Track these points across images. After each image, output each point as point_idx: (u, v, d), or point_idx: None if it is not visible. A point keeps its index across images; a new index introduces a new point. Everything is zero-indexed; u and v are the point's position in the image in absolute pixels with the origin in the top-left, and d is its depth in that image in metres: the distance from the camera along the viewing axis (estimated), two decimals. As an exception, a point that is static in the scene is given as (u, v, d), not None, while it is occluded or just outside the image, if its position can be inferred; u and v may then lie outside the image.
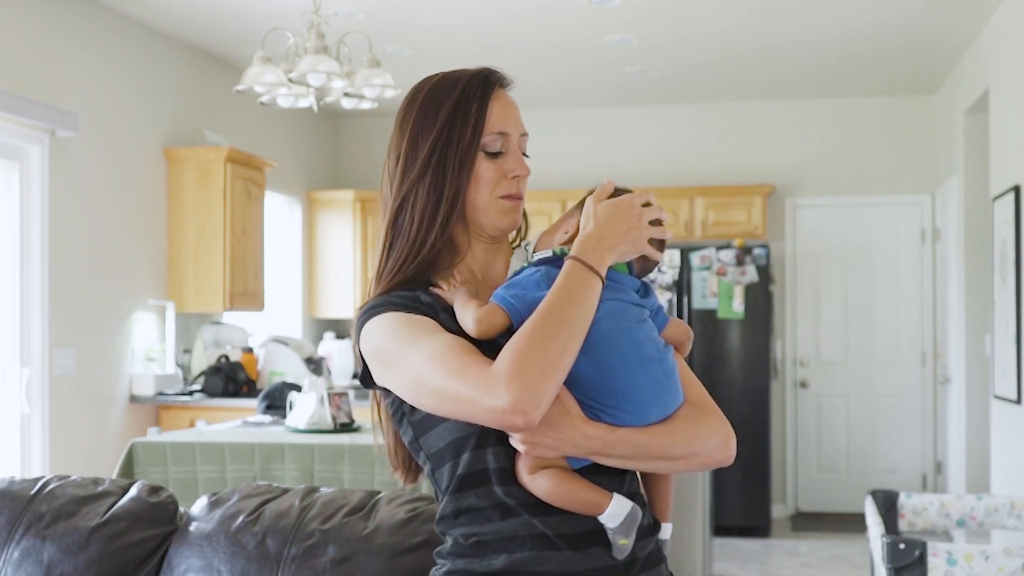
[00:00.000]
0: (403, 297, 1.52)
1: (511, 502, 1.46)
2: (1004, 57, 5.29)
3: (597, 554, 1.46)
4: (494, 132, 1.55)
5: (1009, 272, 5.07)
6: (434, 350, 1.42)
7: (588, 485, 1.45)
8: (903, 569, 3.06)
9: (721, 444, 1.51)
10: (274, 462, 4.02)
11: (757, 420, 6.93)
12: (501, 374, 1.35)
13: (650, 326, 1.51)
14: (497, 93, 1.58)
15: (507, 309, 1.45)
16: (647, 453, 1.45)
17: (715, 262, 6.91)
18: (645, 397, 1.45)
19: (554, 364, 1.36)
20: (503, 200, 1.56)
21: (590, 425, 1.42)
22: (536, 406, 1.34)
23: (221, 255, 5.82)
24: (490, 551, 1.46)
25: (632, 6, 5.35)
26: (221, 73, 6.39)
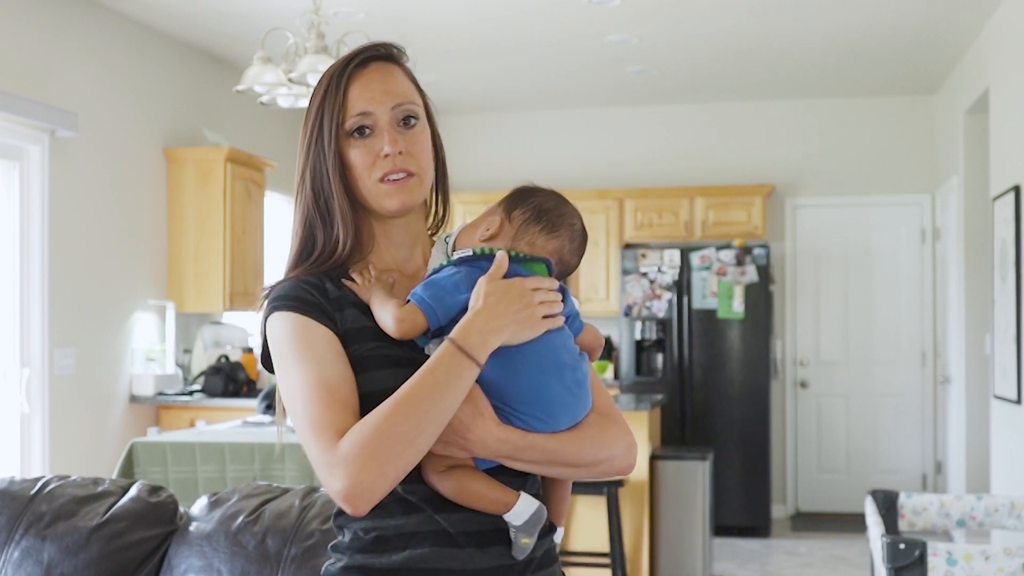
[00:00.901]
0: (308, 288, 1.49)
1: (412, 498, 1.45)
2: (1004, 57, 5.29)
3: (498, 552, 1.46)
4: (354, 114, 1.51)
5: (1009, 272, 5.07)
6: (305, 390, 1.41)
7: (495, 484, 1.45)
8: (903, 569, 3.05)
9: (624, 452, 1.51)
10: (274, 462, 4.02)
11: (757, 420, 6.93)
12: (340, 459, 1.35)
13: (566, 333, 1.49)
14: (358, 74, 1.53)
15: (425, 311, 1.44)
16: (555, 459, 1.45)
17: (715, 262, 6.91)
18: (556, 405, 1.45)
19: (397, 459, 1.35)
20: (382, 183, 1.51)
21: (502, 429, 1.41)
22: (367, 501, 1.35)
23: (221, 255, 5.82)
24: (390, 547, 1.45)
25: (632, 6, 5.35)
26: (221, 73, 6.39)
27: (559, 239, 1.54)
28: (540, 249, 1.53)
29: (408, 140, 1.52)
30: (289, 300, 1.48)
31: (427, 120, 1.59)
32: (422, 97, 1.60)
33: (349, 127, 1.51)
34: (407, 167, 1.51)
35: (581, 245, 1.57)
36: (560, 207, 1.56)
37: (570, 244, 1.55)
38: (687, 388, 6.98)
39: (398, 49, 1.60)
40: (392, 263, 1.58)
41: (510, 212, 1.55)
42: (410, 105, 1.54)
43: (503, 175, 7.60)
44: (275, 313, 1.48)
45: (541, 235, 1.53)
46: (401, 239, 1.59)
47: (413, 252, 1.60)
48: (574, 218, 1.57)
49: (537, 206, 1.55)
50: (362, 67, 1.54)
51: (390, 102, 1.52)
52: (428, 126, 1.58)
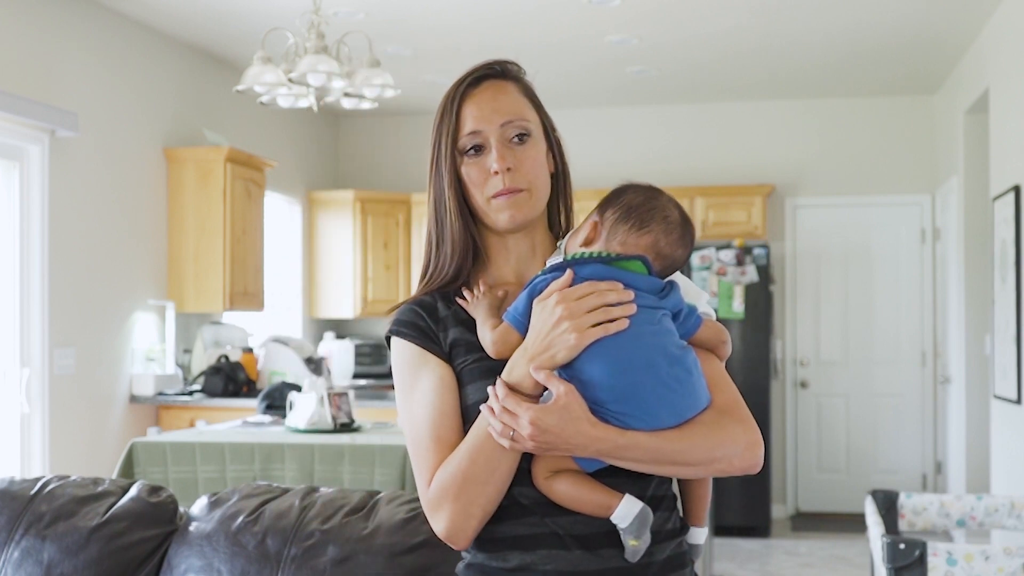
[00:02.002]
0: (423, 311, 1.58)
1: (525, 502, 1.48)
2: (1004, 57, 5.29)
3: (610, 555, 1.46)
4: (466, 134, 1.56)
5: (1009, 272, 5.07)
6: (412, 429, 1.54)
7: (598, 487, 1.45)
8: (903, 569, 3.05)
9: (744, 451, 1.49)
10: (274, 462, 4.01)
11: (757, 420, 6.87)
12: (429, 504, 1.50)
13: (664, 329, 1.46)
14: (470, 93, 1.58)
15: (516, 327, 1.47)
16: (663, 458, 1.44)
17: (715, 262, 6.91)
18: (652, 401, 1.42)
19: (477, 499, 1.46)
20: (493, 200, 1.55)
21: (598, 428, 1.41)
22: (463, 539, 1.49)
23: (221, 255, 5.82)
24: (505, 548, 1.49)
25: (632, 6, 5.35)
26: (221, 73, 6.39)
27: (652, 234, 1.52)
28: (633, 247, 1.51)
29: (518, 157, 1.55)
30: (404, 326, 1.58)
31: (545, 133, 1.62)
32: (539, 112, 1.63)
33: (462, 146, 1.56)
34: (516, 184, 1.55)
35: (683, 236, 1.55)
36: (650, 201, 1.54)
37: (666, 237, 1.53)
38: (687, 388, 6.97)
39: (515, 65, 1.64)
40: (511, 275, 1.62)
41: (603, 213, 1.55)
42: (521, 122, 1.57)
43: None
44: (394, 338, 1.59)
45: (632, 233, 1.52)
46: (520, 251, 1.62)
47: (533, 262, 1.63)
48: (668, 210, 1.55)
49: (626, 204, 1.54)
50: (474, 86, 1.59)
51: (499, 120, 1.56)
52: (544, 140, 1.61)
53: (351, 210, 7.43)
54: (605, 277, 1.46)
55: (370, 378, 7.26)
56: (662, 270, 1.53)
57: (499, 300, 1.55)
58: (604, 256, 1.49)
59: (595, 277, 1.46)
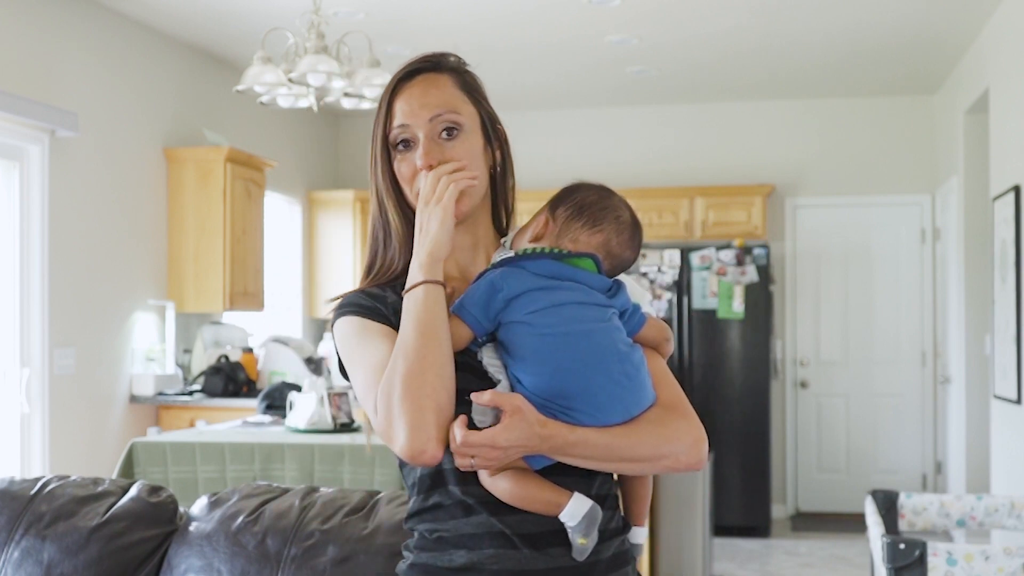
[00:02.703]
0: (369, 296, 1.55)
1: (470, 501, 1.47)
2: (1004, 57, 5.29)
3: (557, 554, 1.46)
4: (395, 127, 1.55)
5: (1009, 272, 5.07)
6: (365, 372, 1.49)
7: (547, 485, 1.44)
8: (903, 569, 3.05)
9: (690, 447, 1.48)
10: (274, 462, 4.01)
11: (757, 420, 6.93)
12: (382, 424, 1.42)
13: (613, 326, 1.48)
14: (403, 87, 1.56)
15: (466, 321, 1.46)
16: (611, 454, 1.43)
17: (715, 262, 6.91)
18: (603, 397, 1.43)
19: (420, 391, 1.39)
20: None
21: (548, 425, 1.40)
22: (427, 442, 1.39)
23: (221, 255, 5.82)
24: (451, 547, 1.48)
25: (632, 6, 5.35)
26: (221, 73, 6.39)
27: (603, 233, 1.54)
28: (584, 245, 1.52)
29: (447, 151, 1.53)
30: (349, 306, 1.56)
31: (483, 127, 1.59)
32: (476, 105, 1.59)
33: (392, 140, 1.55)
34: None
35: (632, 237, 1.56)
36: (603, 201, 1.56)
37: (617, 237, 1.55)
38: (687, 388, 6.98)
39: (454, 58, 1.61)
40: (454, 269, 1.60)
41: (554, 210, 1.56)
42: (450, 115, 1.54)
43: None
44: (339, 319, 1.56)
45: (584, 230, 1.53)
46: (463, 244, 1.60)
47: (476, 256, 1.61)
48: (620, 210, 1.56)
49: (579, 202, 1.55)
50: (408, 80, 1.57)
51: (427, 114, 1.53)
52: (479, 133, 1.58)
53: (351, 210, 7.43)
54: (556, 273, 1.47)
55: (370, 378, 7.25)
56: (611, 269, 1.54)
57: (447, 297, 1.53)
58: (556, 252, 1.49)
59: (546, 273, 1.47)
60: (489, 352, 1.49)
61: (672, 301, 6.99)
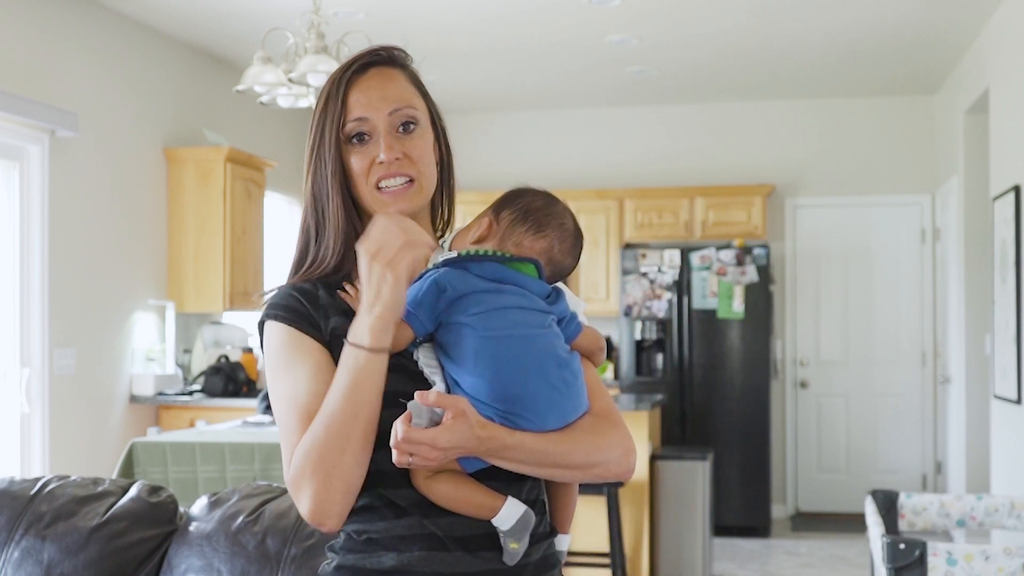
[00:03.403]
0: (301, 296, 1.52)
1: (403, 503, 1.45)
2: (1004, 57, 5.29)
3: (488, 557, 1.45)
4: (352, 119, 1.51)
5: (1009, 272, 5.07)
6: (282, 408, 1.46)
7: (482, 489, 1.43)
8: (903, 569, 3.05)
9: (621, 456, 1.48)
10: (274, 462, 4.01)
11: (757, 420, 6.93)
12: (292, 484, 1.41)
13: (553, 332, 1.48)
14: (357, 79, 1.53)
15: (407, 320, 1.43)
16: (545, 460, 1.43)
17: (715, 262, 6.91)
18: (541, 403, 1.42)
19: (335, 469, 1.38)
20: (377, 191, 1.52)
21: (487, 428, 1.38)
22: (328, 516, 1.40)
23: (221, 255, 5.82)
24: (380, 548, 1.46)
25: (632, 6, 5.35)
26: (221, 73, 6.39)
27: (547, 239, 1.53)
28: (527, 250, 1.52)
29: (406, 145, 1.52)
30: (281, 310, 1.51)
31: (432, 123, 1.58)
32: (426, 100, 1.59)
33: (347, 133, 1.52)
34: (405, 171, 1.51)
35: (574, 245, 1.55)
36: (548, 207, 1.54)
37: (560, 244, 1.54)
38: (687, 388, 6.98)
39: (401, 52, 1.59)
40: None
41: (499, 213, 1.54)
42: (408, 110, 1.53)
43: (503, 175, 7.59)
44: (268, 322, 1.52)
45: (528, 235, 1.52)
46: None
47: None
48: (564, 218, 1.55)
49: (524, 206, 1.54)
50: (361, 72, 1.54)
51: (387, 108, 1.52)
52: (432, 129, 1.58)
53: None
54: (500, 276, 1.46)
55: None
56: (551, 276, 1.54)
57: None
58: (499, 255, 1.49)
59: (489, 275, 1.46)
60: (426, 352, 1.47)
61: (672, 301, 6.99)
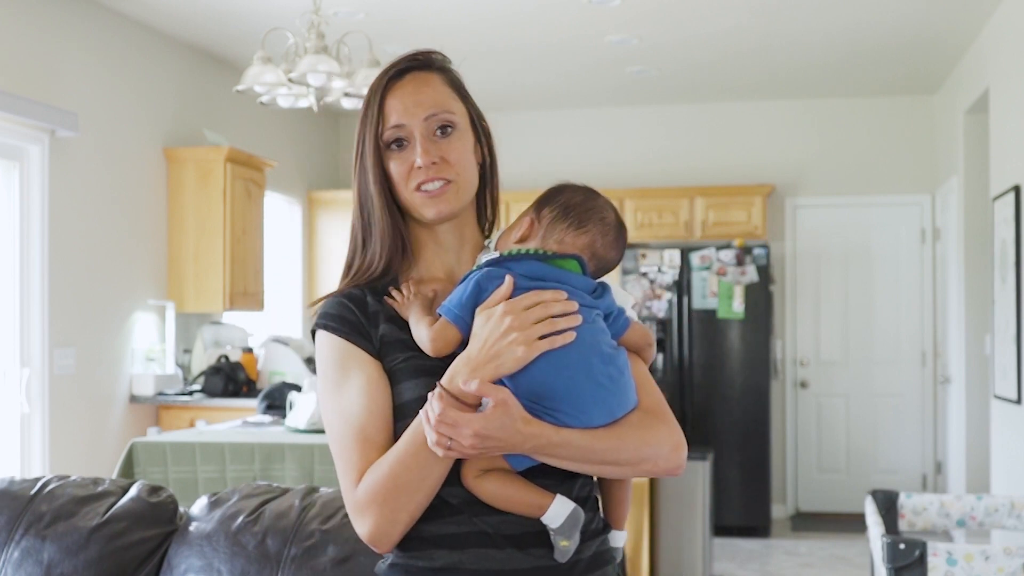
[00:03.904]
0: (351, 304, 1.54)
1: (454, 501, 1.46)
2: (1004, 57, 5.29)
3: (539, 554, 1.46)
4: (390, 127, 1.54)
5: (1009, 272, 5.07)
6: (337, 425, 1.50)
7: (530, 487, 1.44)
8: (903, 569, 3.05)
9: (670, 452, 1.48)
10: (274, 462, 4.01)
11: (757, 420, 6.93)
12: (356, 506, 1.46)
13: (599, 328, 1.47)
14: (393, 86, 1.56)
15: (454, 322, 1.45)
16: (592, 457, 1.43)
17: (715, 262, 6.91)
18: (586, 399, 1.42)
19: (407, 505, 1.43)
20: (418, 193, 1.53)
21: (533, 424, 1.39)
22: (387, 544, 1.46)
23: (221, 255, 5.82)
24: (432, 547, 1.47)
25: (632, 6, 5.35)
26: (221, 73, 6.39)
27: (589, 234, 1.53)
28: (569, 246, 1.52)
29: (443, 149, 1.54)
30: (332, 319, 1.54)
31: (472, 125, 1.60)
32: (465, 103, 1.60)
33: (386, 140, 1.54)
34: (443, 175, 1.53)
35: (617, 238, 1.55)
36: (589, 201, 1.55)
37: (603, 238, 1.54)
38: (687, 388, 6.98)
39: (440, 55, 1.61)
40: (440, 269, 1.60)
41: (539, 211, 1.55)
42: (444, 114, 1.55)
43: (503, 175, 7.58)
44: (320, 331, 1.55)
45: (570, 232, 1.52)
46: (450, 244, 1.61)
47: (462, 256, 1.62)
48: (605, 211, 1.55)
49: (564, 203, 1.54)
50: (398, 79, 1.56)
51: (422, 113, 1.53)
52: (470, 131, 1.59)
53: (351, 210, 7.42)
54: (541, 275, 1.46)
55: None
56: (595, 271, 1.54)
57: (429, 299, 1.53)
58: (540, 253, 1.49)
59: (531, 274, 1.46)
60: None
61: (672, 301, 6.99)
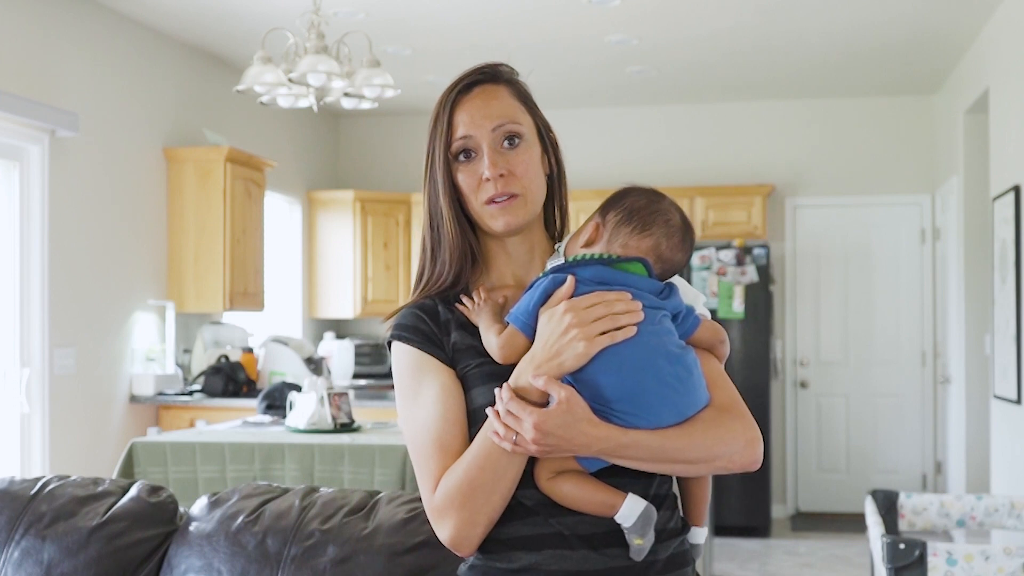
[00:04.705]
0: (423, 314, 1.57)
1: (528, 503, 1.48)
2: (1004, 57, 5.29)
3: (614, 554, 1.47)
4: (458, 138, 1.56)
5: (1009, 272, 5.07)
6: (415, 435, 1.53)
7: (602, 487, 1.46)
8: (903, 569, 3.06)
9: (744, 448, 1.51)
10: (274, 462, 4.01)
11: (757, 420, 6.87)
12: (435, 512, 1.49)
13: (666, 328, 1.48)
14: (462, 99, 1.58)
15: (522, 329, 1.47)
16: (663, 456, 1.45)
17: (715, 262, 6.91)
18: (653, 399, 1.43)
19: (483, 507, 1.46)
20: (487, 205, 1.56)
21: (600, 427, 1.41)
22: (468, 547, 1.49)
23: (221, 255, 5.82)
24: (509, 548, 1.49)
25: (632, 6, 5.35)
26: (221, 73, 6.39)
27: (653, 237, 1.54)
28: (634, 249, 1.53)
29: (510, 161, 1.56)
30: (406, 330, 1.58)
31: (539, 136, 1.62)
32: (532, 115, 1.62)
33: (454, 151, 1.56)
34: (509, 189, 1.55)
35: (683, 240, 1.56)
36: (652, 205, 1.56)
37: (668, 241, 1.55)
38: (687, 388, 6.98)
39: (507, 68, 1.64)
40: (510, 278, 1.63)
41: (604, 215, 1.56)
42: (511, 125, 1.57)
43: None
44: (395, 343, 1.59)
45: (634, 235, 1.53)
46: (519, 253, 1.63)
47: (532, 264, 1.63)
48: (670, 214, 1.56)
49: (629, 207, 1.55)
50: (466, 92, 1.59)
51: (490, 124, 1.55)
52: (537, 142, 1.61)
53: (351, 210, 7.43)
54: (606, 279, 1.47)
55: (370, 378, 7.26)
56: (662, 273, 1.54)
57: (500, 306, 1.55)
58: (605, 258, 1.50)
59: (596, 279, 1.47)
60: None
61: (672, 301, 6.99)
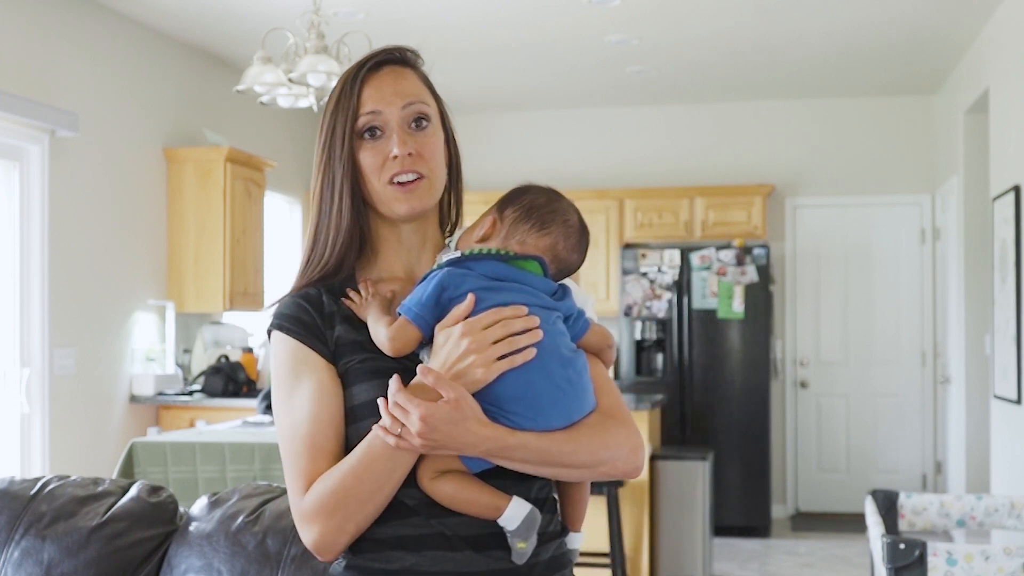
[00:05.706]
0: (307, 305, 1.52)
1: (410, 502, 1.45)
2: (1004, 57, 5.29)
3: (498, 556, 1.45)
4: (365, 113, 1.52)
5: (1009, 272, 5.07)
6: (287, 430, 1.48)
7: (487, 488, 1.43)
8: (903, 569, 3.06)
9: (629, 454, 1.47)
10: (274, 462, 4.01)
11: (757, 420, 6.93)
12: (303, 514, 1.44)
13: (557, 330, 1.46)
14: (370, 76, 1.54)
15: (414, 321, 1.43)
16: (550, 459, 1.42)
17: (715, 262, 6.91)
18: (544, 402, 1.41)
19: (355, 515, 1.42)
20: (390, 187, 1.51)
21: (488, 427, 1.38)
22: (331, 552, 1.45)
23: (221, 255, 5.82)
24: (388, 548, 1.46)
25: (632, 6, 5.35)
26: (221, 73, 6.39)
27: (551, 236, 1.51)
28: (532, 247, 1.50)
29: (419, 142, 1.52)
30: (287, 320, 1.53)
31: (441, 123, 1.59)
32: (436, 101, 1.60)
33: (360, 127, 1.52)
34: (417, 169, 1.51)
35: (579, 241, 1.54)
36: (552, 203, 1.53)
37: (565, 241, 1.52)
38: (687, 388, 6.98)
39: (413, 53, 1.61)
40: (401, 268, 1.58)
41: (502, 211, 1.53)
42: (421, 106, 1.54)
43: (503, 175, 7.59)
44: (275, 332, 1.54)
45: (532, 233, 1.51)
46: (412, 243, 1.59)
47: (423, 256, 1.60)
48: (568, 214, 1.54)
49: (528, 204, 1.53)
50: (375, 70, 1.55)
51: (400, 102, 1.52)
52: (441, 129, 1.58)
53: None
54: (501, 274, 1.45)
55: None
56: (557, 273, 1.52)
57: (388, 300, 1.51)
58: (502, 254, 1.47)
59: (492, 274, 1.45)
60: (428, 354, 1.47)
61: (672, 301, 6.99)
